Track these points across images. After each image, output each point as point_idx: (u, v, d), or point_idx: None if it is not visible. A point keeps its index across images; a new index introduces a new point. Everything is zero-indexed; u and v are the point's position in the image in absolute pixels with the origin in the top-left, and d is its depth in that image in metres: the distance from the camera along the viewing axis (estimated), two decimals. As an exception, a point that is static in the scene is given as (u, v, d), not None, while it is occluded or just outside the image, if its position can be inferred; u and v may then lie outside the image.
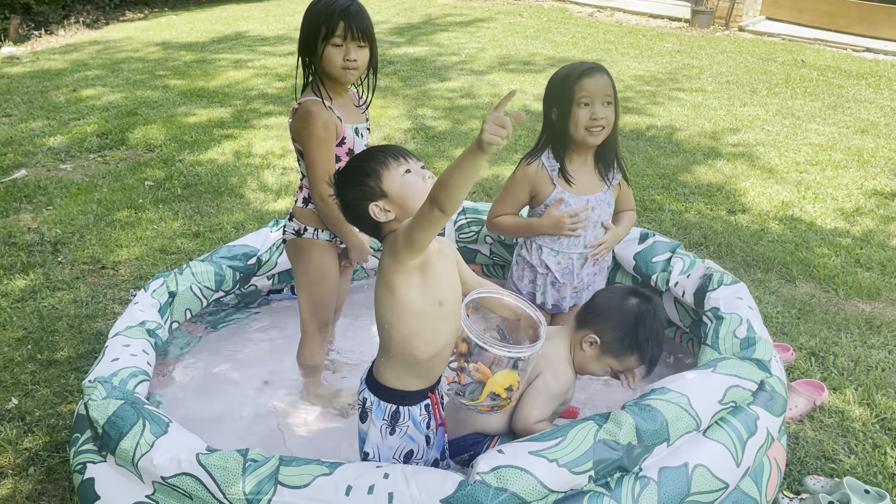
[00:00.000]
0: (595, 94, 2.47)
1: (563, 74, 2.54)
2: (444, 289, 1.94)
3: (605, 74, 2.51)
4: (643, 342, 2.29)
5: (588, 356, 2.33)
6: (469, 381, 2.04)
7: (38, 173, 5.46)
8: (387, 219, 1.90)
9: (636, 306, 2.31)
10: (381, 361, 2.03)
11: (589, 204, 2.64)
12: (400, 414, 2.02)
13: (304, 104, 2.45)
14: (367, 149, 1.99)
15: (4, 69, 9.39)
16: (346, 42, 2.38)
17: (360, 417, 2.08)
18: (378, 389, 2.03)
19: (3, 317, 3.50)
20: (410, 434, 2.03)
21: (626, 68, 8.21)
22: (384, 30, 10.81)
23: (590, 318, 2.32)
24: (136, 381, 2.26)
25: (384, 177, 1.89)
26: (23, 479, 2.49)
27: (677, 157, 5.49)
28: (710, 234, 4.18)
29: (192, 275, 2.90)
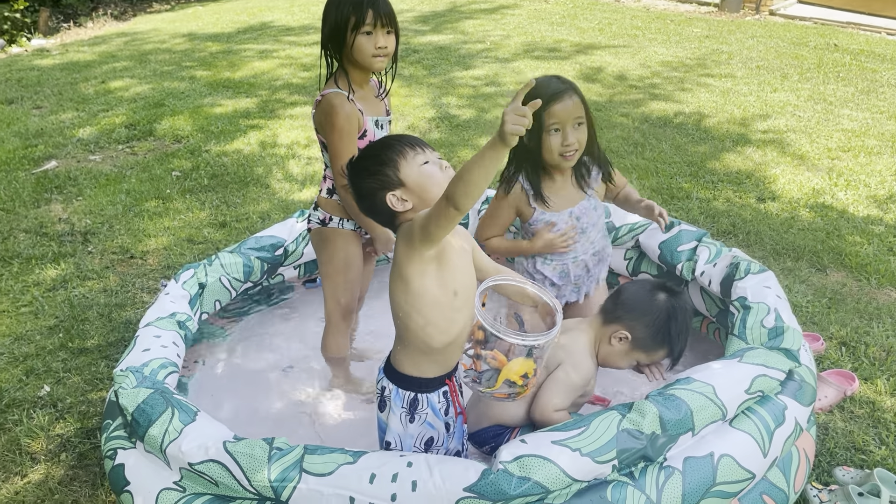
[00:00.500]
0: (565, 120, 2.41)
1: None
2: (459, 279, 1.95)
3: (573, 95, 2.43)
4: (675, 337, 2.28)
5: (616, 351, 2.31)
6: (485, 369, 2.04)
7: (68, 164, 5.54)
8: (404, 208, 1.90)
9: (667, 301, 2.29)
10: (397, 350, 2.04)
11: (573, 215, 2.61)
12: (419, 401, 2.03)
13: (328, 96, 2.46)
14: (381, 139, 1.98)
15: (35, 61, 9.53)
16: (375, 30, 2.39)
17: (379, 406, 2.09)
18: (396, 377, 2.04)
19: (35, 306, 3.56)
20: (430, 421, 2.04)
21: (654, 54, 8.10)
22: (408, 18, 10.78)
23: (620, 313, 2.30)
24: (165, 373, 2.29)
25: (402, 166, 1.88)
26: (55, 465, 2.54)
27: (706, 144, 5.42)
28: (738, 222, 4.12)
29: (220, 266, 2.92)
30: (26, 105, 7.27)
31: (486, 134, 5.70)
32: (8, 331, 3.36)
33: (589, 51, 8.29)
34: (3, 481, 2.48)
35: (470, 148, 5.42)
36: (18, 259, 4.03)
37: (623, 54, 8.11)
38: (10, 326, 3.40)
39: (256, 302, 3.26)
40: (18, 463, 2.55)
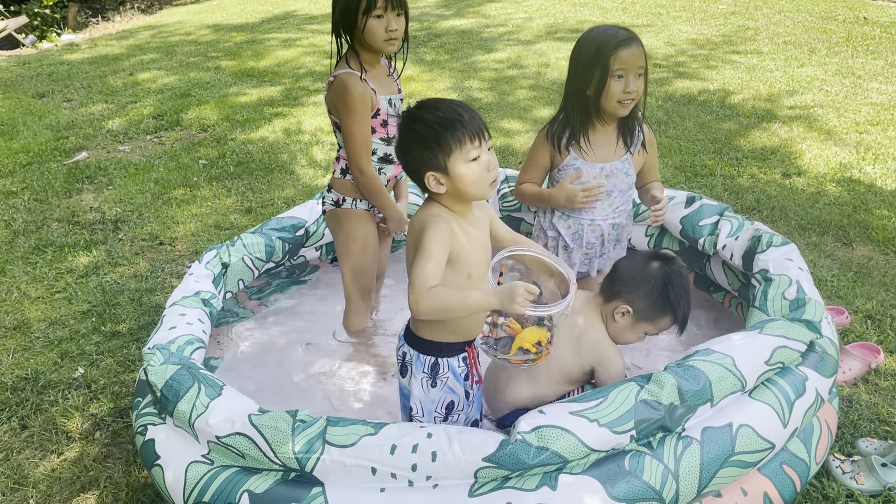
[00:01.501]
0: (630, 66, 2.39)
1: (597, 43, 2.42)
2: (472, 261, 1.99)
3: (639, 44, 2.43)
4: (675, 302, 2.29)
5: (622, 326, 2.33)
6: (502, 335, 2.08)
7: (98, 155, 5.65)
8: (437, 190, 1.93)
9: (661, 268, 2.30)
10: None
11: (603, 172, 2.59)
12: (439, 365, 2.07)
13: (340, 77, 2.47)
14: (451, 107, 1.90)
15: (65, 56, 9.70)
16: (386, 13, 2.40)
17: (401, 372, 2.14)
18: (416, 342, 2.08)
19: (69, 291, 3.66)
20: (451, 385, 2.09)
21: (679, 32, 8.01)
22: (431, 3, 10.77)
23: (617, 288, 2.31)
24: (192, 349, 2.36)
25: (454, 155, 1.87)
26: (90, 443, 2.62)
27: (731, 121, 5.36)
28: (763, 198, 4.09)
29: (243, 246, 2.98)
30: (57, 98, 7.41)
31: (509, 116, 5.70)
32: (43, 316, 3.46)
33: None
34: (41, 459, 2.56)
35: (493, 130, 5.40)
36: (52, 247, 4.14)
37: (647, 33, 8.03)
38: (44, 312, 3.50)
39: (281, 282, 3.31)
40: (55, 441, 2.63)
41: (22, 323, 3.42)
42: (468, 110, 1.90)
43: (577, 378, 2.35)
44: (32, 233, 4.35)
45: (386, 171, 2.66)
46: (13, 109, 7.02)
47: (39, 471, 2.51)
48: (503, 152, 5.01)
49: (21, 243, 4.22)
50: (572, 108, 2.55)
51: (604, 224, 2.67)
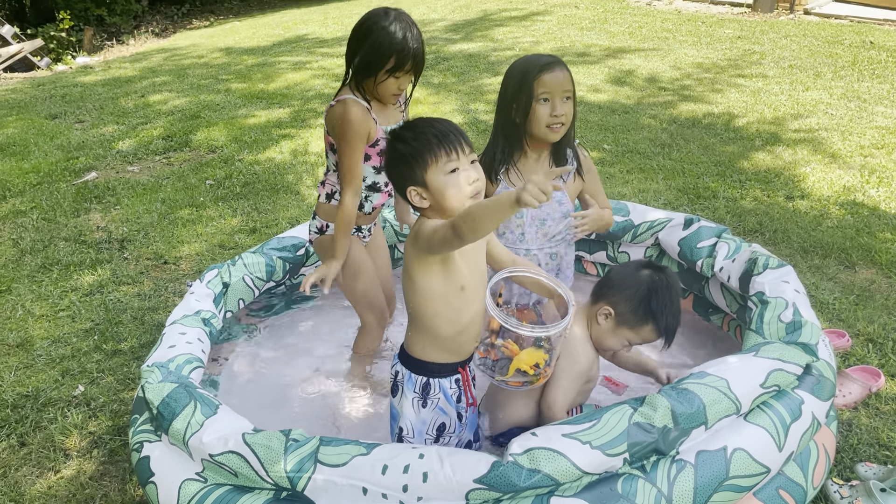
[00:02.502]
0: (555, 90, 2.37)
1: (522, 69, 2.42)
2: (466, 274, 1.99)
3: (564, 69, 2.41)
4: (657, 311, 2.26)
5: (604, 329, 2.31)
6: (500, 357, 2.08)
7: (107, 175, 5.72)
8: (421, 205, 1.95)
9: (648, 276, 2.29)
10: (409, 335, 2.10)
11: None
12: (431, 386, 2.07)
13: (346, 102, 2.47)
14: (428, 124, 1.94)
15: (78, 78, 9.84)
16: (404, 75, 2.45)
17: (392, 391, 2.15)
18: (409, 362, 2.09)
19: (73, 310, 3.69)
20: (442, 406, 2.09)
21: (685, 56, 8.05)
22: (440, 27, 10.88)
23: (604, 291, 2.31)
24: (190, 367, 2.37)
25: (430, 169, 1.90)
26: (86, 461, 2.63)
27: (735, 144, 5.37)
28: (766, 220, 4.08)
29: (244, 266, 3.00)
30: (69, 119, 7.52)
31: (514, 138, 5.74)
32: (46, 334, 3.49)
33: (619, 54, 8.27)
34: (38, 476, 2.58)
35: (497, 152, 5.45)
36: (58, 266, 4.18)
37: (653, 57, 8.07)
38: (48, 330, 3.53)
39: (284, 301, 3.33)
40: (52, 459, 2.65)
41: (25, 340, 3.45)
42: (446, 125, 1.94)
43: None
44: (39, 251, 4.39)
45: (372, 198, 2.69)
46: (26, 130, 7.12)
47: (36, 488, 2.52)
48: (507, 174, 5.03)
49: (28, 262, 4.27)
50: (502, 136, 2.52)
51: (540, 254, 2.60)
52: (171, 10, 19.49)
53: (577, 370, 2.31)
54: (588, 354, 2.35)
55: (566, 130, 2.46)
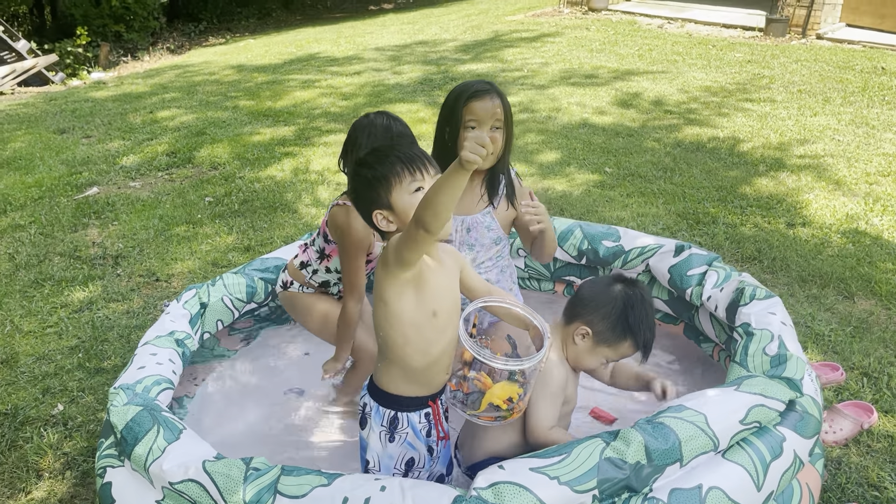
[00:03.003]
0: (482, 119, 2.35)
1: (456, 94, 2.42)
2: (439, 299, 1.93)
3: (496, 97, 2.38)
4: (635, 326, 2.19)
5: (581, 349, 2.24)
6: (472, 390, 2.01)
7: (108, 191, 5.73)
8: (388, 229, 1.91)
9: (622, 291, 2.21)
10: (379, 367, 2.04)
11: (464, 224, 2.52)
12: (398, 420, 2.01)
13: (349, 210, 2.42)
14: (392, 148, 1.93)
15: (90, 93, 9.93)
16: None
17: (360, 423, 2.09)
18: (377, 394, 2.03)
19: (60, 326, 3.67)
20: (410, 441, 2.03)
21: (693, 79, 8.00)
22: (450, 48, 10.90)
23: (578, 310, 2.23)
24: (159, 389, 2.32)
25: (395, 190, 1.88)
26: (58, 482, 2.59)
27: (738, 168, 5.30)
28: (765, 247, 4.00)
29: (224, 286, 2.97)
30: (77, 134, 7.56)
31: (515, 159, 5.70)
32: (32, 350, 3.47)
33: (627, 77, 8.24)
34: (8, 497, 2.54)
35: (497, 174, 5.41)
36: (51, 281, 4.17)
37: (661, 80, 8.03)
38: (34, 346, 3.50)
39: (265, 323, 3.29)
40: (24, 480, 2.61)
41: (10, 357, 3.43)
42: (410, 148, 1.93)
43: None
44: (34, 266, 4.39)
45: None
46: (33, 144, 7.17)
47: (4, 509, 2.48)
48: (506, 196, 4.99)
49: (21, 277, 4.26)
50: (436, 159, 2.49)
51: None
52: (188, 28, 19.77)
53: (552, 391, 2.24)
54: (561, 373, 2.27)
55: (494, 160, 2.42)
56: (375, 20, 17.05)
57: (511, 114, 2.44)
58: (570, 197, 4.88)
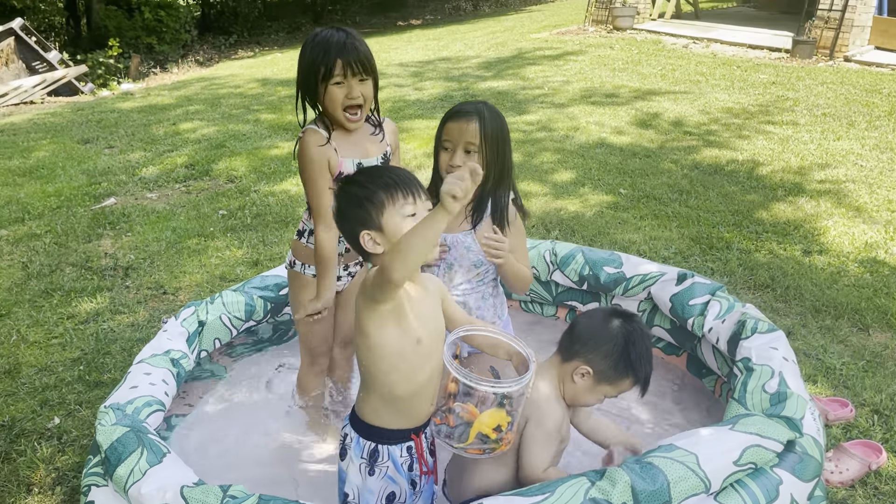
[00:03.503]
0: (455, 140, 2.33)
1: (446, 113, 2.41)
2: (422, 327, 1.89)
3: (474, 121, 2.31)
4: (636, 363, 2.13)
5: (581, 388, 2.17)
6: (458, 423, 1.96)
7: (125, 201, 5.78)
8: (374, 251, 1.86)
9: (622, 327, 2.15)
10: (361, 396, 2.00)
11: (445, 241, 2.46)
12: (379, 453, 1.96)
13: (305, 133, 2.40)
14: (384, 169, 1.90)
15: (117, 104, 10.07)
16: (346, 79, 2.30)
17: (340, 454, 2.04)
18: (358, 425, 1.99)
19: (66, 337, 3.68)
20: (391, 475, 1.97)
21: (715, 100, 7.91)
22: (473, 64, 10.91)
23: (577, 348, 2.16)
24: (149, 410, 2.31)
25: (386, 211, 1.84)
26: (47, 497, 2.59)
27: (756, 192, 5.21)
28: (778, 275, 3.91)
29: (222, 304, 2.95)
30: (100, 145, 7.66)
31: (530, 178, 5.66)
32: (35, 361, 3.48)
33: (648, 97, 8.17)
34: (-3, 511, 2.54)
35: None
36: (60, 292, 4.20)
37: (682, 100, 7.95)
38: (37, 357, 3.52)
39: (264, 344, 3.27)
40: (13, 494, 2.60)
41: (14, 367, 3.44)
42: (403, 172, 1.89)
43: None
44: (45, 276, 4.42)
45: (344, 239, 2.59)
46: (56, 154, 7.28)
47: (-8, 524, 2.48)
48: (517, 216, 4.94)
49: (32, 286, 4.29)
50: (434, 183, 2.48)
51: None
52: (218, 41, 20.03)
53: (547, 431, 2.18)
54: (559, 413, 2.21)
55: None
56: (402, 36, 17.15)
57: (501, 138, 2.37)
58: (582, 218, 4.82)
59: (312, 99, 2.40)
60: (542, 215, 4.90)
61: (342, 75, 2.29)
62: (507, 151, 2.42)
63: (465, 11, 24.35)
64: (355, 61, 2.28)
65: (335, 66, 2.28)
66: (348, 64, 2.27)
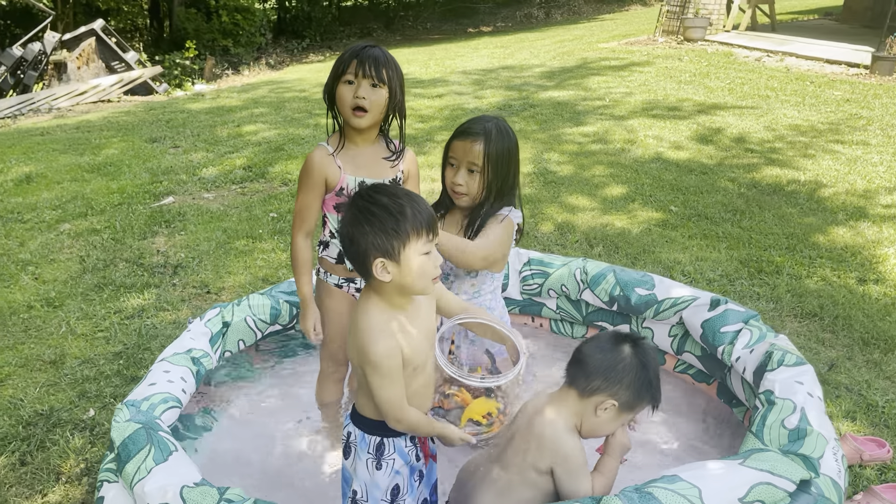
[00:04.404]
0: (460, 158, 2.43)
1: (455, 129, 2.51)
2: (416, 355, 1.92)
3: (480, 141, 2.38)
4: (656, 386, 2.09)
5: (604, 420, 2.10)
6: (452, 407, 2.02)
7: (182, 200, 5.96)
8: (382, 278, 1.84)
9: (634, 354, 2.07)
10: (361, 395, 2.00)
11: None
12: (385, 446, 1.99)
13: (316, 147, 2.49)
14: (412, 199, 1.84)
15: (187, 105, 10.41)
16: (357, 79, 2.33)
17: (344, 453, 2.07)
18: (361, 422, 2.01)
19: (111, 331, 3.82)
20: (397, 469, 2.00)
21: (783, 117, 7.64)
22: (536, 73, 10.85)
23: (597, 384, 2.08)
24: (165, 407, 2.37)
25: (409, 245, 1.81)
26: (74, 487, 2.68)
27: (815, 215, 5.00)
28: (828, 304, 3.74)
29: (248, 307, 3.01)
30: (166, 144, 7.93)
31: (580, 192, 5.57)
32: (79, 353, 3.62)
33: (712, 111, 7.95)
34: (26, 498, 2.64)
35: (558, 204, 5.31)
36: (111, 286, 4.35)
37: (748, 116, 7.71)
38: (82, 350, 3.66)
39: (297, 349, 3.31)
40: (43, 482, 2.71)
41: (59, 358, 3.58)
42: (426, 205, 1.86)
43: (541, 484, 2.14)
44: (100, 270, 4.60)
45: None
46: (124, 152, 7.56)
47: (20, 509, 2.58)
48: (562, 228, 4.88)
49: (87, 280, 4.47)
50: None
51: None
52: (291, 44, 20.53)
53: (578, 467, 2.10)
54: (577, 445, 2.13)
55: (470, 201, 2.47)
56: (469, 43, 17.20)
57: (505, 158, 2.43)
58: (628, 235, 4.72)
59: (331, 99, 2.44)
60: (586, 230, 4.82)
61: (353, 75, 2.35)
62: (512, 170, 2.49)
63: (537, 19, 24.26)
64: (369, 64, 2.32)
65: (349, 66, 2.35)
66: (361, 64, 2.33)
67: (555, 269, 3.19)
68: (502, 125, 2.43)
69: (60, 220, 5.51)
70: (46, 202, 5.91)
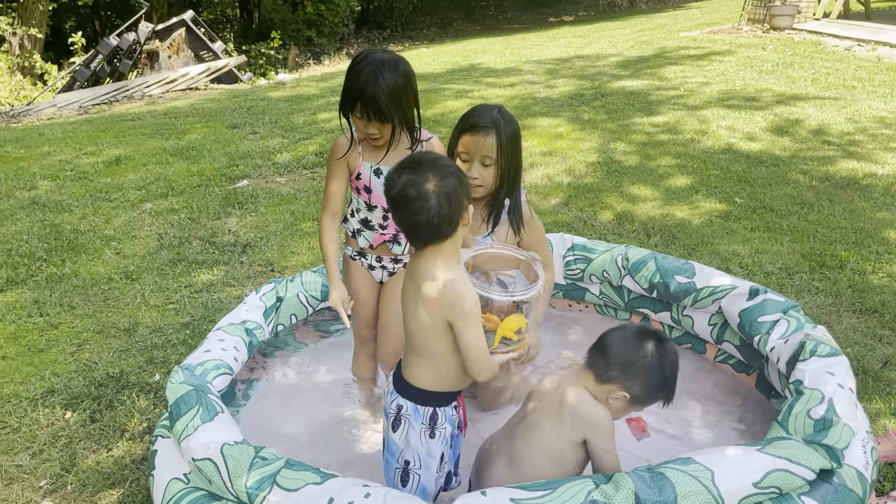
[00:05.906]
0: (472, 153, 2.43)
1: (459, 122, 2.50)
2: None
3: (491, 134, 2.38)
4: (671, 388, 2.14)
5: (615, 408, 2.16)
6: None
7: (256, 184, 6.22)
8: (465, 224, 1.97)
9: (657, 353, 2.10)
10: (415, 365, 2.09)
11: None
12: (437, 416, 2.10)
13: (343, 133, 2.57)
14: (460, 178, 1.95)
15: (268, 93, 10.77)
16: (365, 118, 2.37)
17: (393, 427, 2.15)
18: (413, 393, 2.10)
19: (181, 304, 4.06)
20: (447, 437, 2.13)
21: (867, 108, 7.32)
22: (611, 62, 10.71)
23: (614, 374, 2.12)
24: (216, 373, 2.54)
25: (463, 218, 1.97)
26: (136, 444, 2.90)
27: (888, 210, 4.81)
28: (890, 300, 3.62)
29: (301, 283, 3.16)
30: (245, 130, 8.26)
31: (643, 182, 5.52)
32: (151, 323, 3.87)
33: (792, 102, 7.70)
34: (93, 452, 2.87)
35: (618, 194, 5.28)
36: (184, 262, 4.62)
37: (830, 107, 7.43)
38: (153, 319, 3.91)
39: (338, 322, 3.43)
40: (109, 437, 2.94)
41: (132, 326, 3.85)
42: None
43: (568, 458, 2.19)
44: (175, 247, 4.88)
45: (366, 235, 2.69)
46: (206, 136, 7.93)
47: (87, 462, 2.81)
48: (620, 218, 4.86)
49: (163, 256, 4.75)
50: None
51: None
52: (372, 35, 20.86)
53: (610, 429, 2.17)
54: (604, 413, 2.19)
55: (487, 192, 2.49)
56: (548, 32, 17.08)
57: (515, 145, 2.44)
58: (688, 226, 4.66)
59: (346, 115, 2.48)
60: (645, 220, 4.79)
61: (360, 114, 2.37)
62: (520, 154, 2.51)
63: (621, 8, 23.84)
64: (372, 110, 2.32)
65: (356, 106, 2.36)
66: (364, 110, 2.34)
67: (597, 255, 3.22)
68: (505, 112, 2.47)
69: (143, 199, 5.85)
70: (132, 183, 6.28)
